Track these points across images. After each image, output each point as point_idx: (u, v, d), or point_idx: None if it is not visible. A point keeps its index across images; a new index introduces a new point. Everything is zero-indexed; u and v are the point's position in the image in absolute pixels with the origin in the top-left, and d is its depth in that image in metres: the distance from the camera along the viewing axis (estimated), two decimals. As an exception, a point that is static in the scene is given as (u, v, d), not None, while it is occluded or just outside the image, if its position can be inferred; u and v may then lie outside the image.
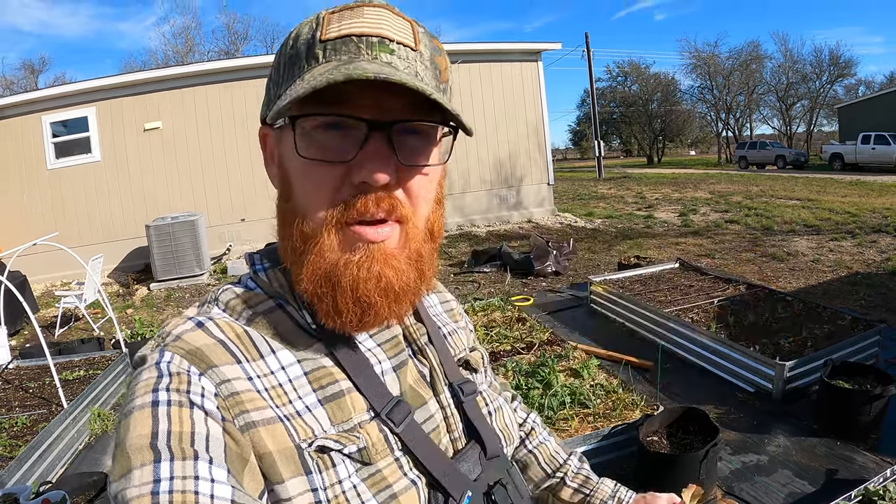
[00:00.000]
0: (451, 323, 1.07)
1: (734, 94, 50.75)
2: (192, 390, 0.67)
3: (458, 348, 1.02)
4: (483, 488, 0.85)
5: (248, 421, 0.69)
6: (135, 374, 0.71)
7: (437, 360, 0.92)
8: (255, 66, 13.11)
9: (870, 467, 3.79)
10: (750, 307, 6.35)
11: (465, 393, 0.92)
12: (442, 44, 0.80)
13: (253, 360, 0.75)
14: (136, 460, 0.61)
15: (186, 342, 0.72)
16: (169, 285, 10.94)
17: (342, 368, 0.79)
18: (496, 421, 0.96)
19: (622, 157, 71.55)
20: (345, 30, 0.71)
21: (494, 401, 1.00)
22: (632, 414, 4.18)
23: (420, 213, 0.78)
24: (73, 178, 12.27)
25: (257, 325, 0.79)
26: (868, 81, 51.13)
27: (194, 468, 0.61)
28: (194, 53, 43.68)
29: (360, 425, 0.76)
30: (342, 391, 0.78)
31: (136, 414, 0.65)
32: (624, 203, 19.63)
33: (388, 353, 0.86)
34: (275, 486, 0.68)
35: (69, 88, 12.29)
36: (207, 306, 0.82)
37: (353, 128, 0.70)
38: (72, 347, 6.90)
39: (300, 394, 0.75)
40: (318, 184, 0.73)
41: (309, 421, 0.74)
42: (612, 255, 11.30)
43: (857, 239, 11.38)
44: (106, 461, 4.66)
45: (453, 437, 0.88)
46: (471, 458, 0.86)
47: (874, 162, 27.11)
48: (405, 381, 0.85)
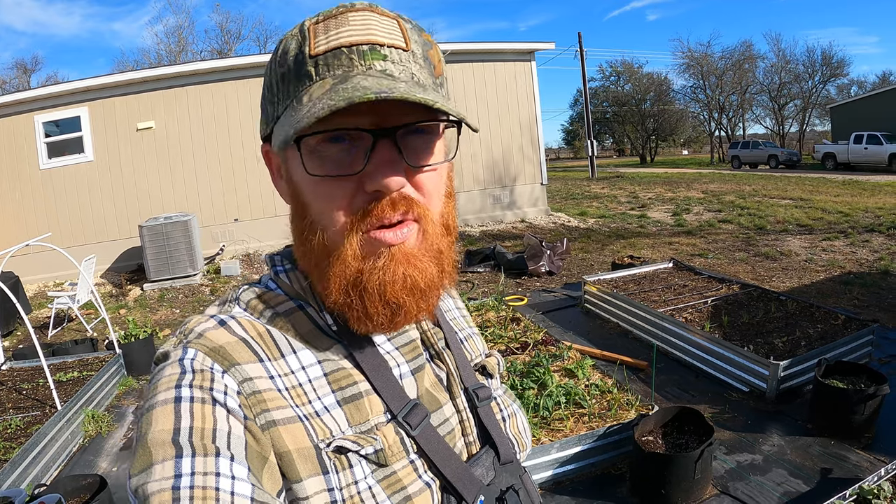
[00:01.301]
0: (467, 328, 1.07)
1: (727, 94, 50.84)
2: (215, 387, 0.67)
3: (474, 353, 1.03)
4: (496, 493, 0.85)
5: (269, 420, 0.69)
6: (157, 369, 0.71)
7: (454, 365, 0.92)
8: (249, 65, 13.07)
9: (864, 466, 3.81)
10: (744, 307, 6.37)
11: (481, 398, 0.92)
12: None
13: (274, 358, 0.75)
14: (157, 455, 0.61)
15: (210, 339, 0.72)
16: (162, 286, 10.89)
17: (361, 370, 0.80)
18: (510, 427, 0.96)
19: (615, 157, 71.60)
20: (333, 41, 0.71)
21: (508, 407, 1.00)
22: (626, 414, 4.19)
23: (434, 208, 0.78)
24: (66, 178, 12.20)
25: (278, 324, 0.79)
26: (860, 81, 51.46)
27: (216, 465, 0.61)
28: (187, 53, 43.53)
29: (377, 427, 0.76)
30: (360, 393, 0.78)
31: (159, 409, 0.65)
32: (617, 203, 19.66)
33: (407, 357, 0.86)
34: (292, 485, 0.68)
35: (62, 88, 12.22)
36: (228, 305, 0.81)
37: (357, 138, 0.70)
38: (65, 348, 6.88)
39: (319, 394, 0.75)
40: (332, 198, 0.73)
41: (327, 421, 0.74)
42: (606, 255, 11.32)
43: (850, 238, 11.42)
44: (100, 463, 4.66)
45: (468, 441, 0.88)
46: (484, 463, 0.86)
47: (866, 161, 27.22)
48: (422, 384, 0.86)
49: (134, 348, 6.56)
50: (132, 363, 6.49)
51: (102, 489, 3.66)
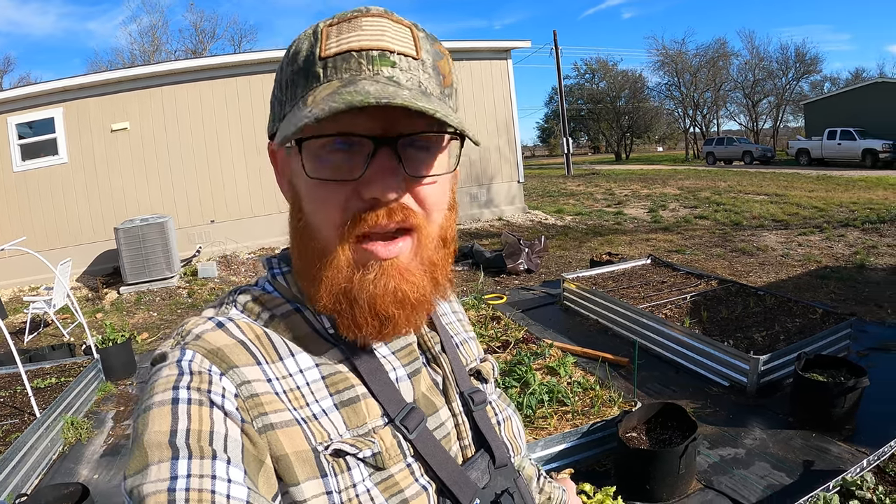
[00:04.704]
0: (462, 332, 1.08)
1: (701, 91, 51.32)
2: (213, 390, 0.67)
3: (469, 358, 1.03)
4: (491, 496, 0.85)
5: (267, 423, 0.69)
6: (153, 370, 0.71)
7: (450, 369, 0.92)
8: (224, 65, 12.97)
9: (845, 458, 3.87)
10: (722, 302, 6.43)
11: (476, 402, 0.92)
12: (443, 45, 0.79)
13: (272, 361, 0.75)
14: (153, 456, 0.61)
15: (208, 341, 0.72)
16: (139, 289, 10.77)
17: (358, 374, 0.80)
18: (504, 431, 0.97)
19: (590, 154, 72.04)
20: (344, 45, 0.71)
21: (503, 411, 1.00)
22: (609, 411, 4.21)
23: (433, 220, 0.78)
24: (40, 180, 12.00)
25: (276, 327, 0.79)
26: (834, 78, 52.03)
27: (212, 467, 0.61)
28: (161, 52, 43.04)
29: (374, 430, 0.76)
30: (357, 396, 0.78)
31: (156, 410, 0.65)
32: (593, 200, 19.77)
33: (403, 361, 0.86)
34: (290, 489, 0.68)
35: (35, 89, 12.02)
36: (225, 307, 0.81)
37: (358, 144, 0.70)
38: (42, 354, 6.80)
39: (317, 397, 0.75)
40: (327, 201, 0.73)
41: (325, 424, 0.74)
42: (584, 252, 11.38)
43: (826, 233, 11.58)
44: (81, 471, 4.60)
45: (463, 444, 0.88)
46: (480, 467, 0.86)
47: (840, 157, 27.60)
48: (419, 388, 0.86)
49: (112, 353, 6.48)
50: (110, 368, 6.42)
51: (85, 498, 3.61)
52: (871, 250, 9.98)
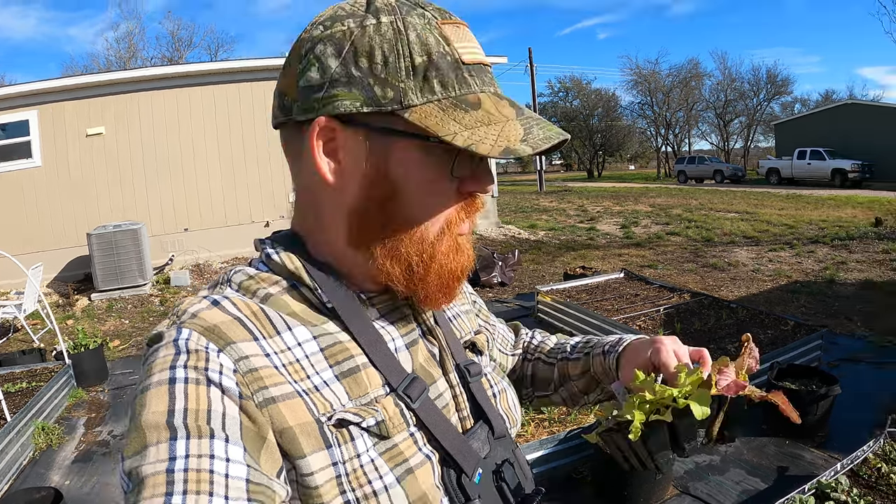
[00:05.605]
0: (455, 306, 1.08)
1: (674, 111, 52.00)
2: (211, 367, 0.67)
3: (463, 331, 1.04)
4: (492, 466, 0.86)
5: (268, 397, 0.68)
6: (150, 350, 0.71)
7: (445, 342, 0.93)
8: (202, 72, 12.88)
9: (819, 464, 3.93)
10: (695, 314, 6.50)
11: (472, 374, 0.93)
12: None
13: (269, 336, 0.74)
14: (151, 437, 0.61)
15: (204, 319, 0.72)
16: (110, 296, 10.63)
17: (357, 344, 0.80)
18: (500, 402, 0.98)
19: (562, 172, 72.39)
20: (469, 54, 0.76)
21: (498, 383, 1.01)
22: (586, 418, 4.24)
23: None
24: (13, 183, 11.80)
25: (272, 303, 0.78)
26: (804, 99, 53.43)
27: (210, 446, 0.61)
28: (136, 59, 42.60)
29: (376, 400, 0.77)
30: (358, 366, 0.78)
31: (153, 391, 0.65)
32: (566, 216, 19.85)
33: (401, 332, 0.87)
34: (296, 462, 0.68)
35: (10, 91, 11.83)
36: (220, 287, 0.81)
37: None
38: (12, 359, 6.67)
39: (317, 369, 0.75)
40: (449, 200, 0.80)
41: (327, 395, 0.74)
42: (557, 267, 11.42)
43: (796, 249, 11.77)
44: (52, 476, 4.52)
45: (461, 416, 0.89)
46: (480, 437, 0.87)
47: (810, 176, 28.15)
48: (416, 359, 0.86)
49: (84, 358, 6.38)
50: (82, 374, 6.31)
51: (58, 502, 3.56)
52: (841, 266, 10.17)
